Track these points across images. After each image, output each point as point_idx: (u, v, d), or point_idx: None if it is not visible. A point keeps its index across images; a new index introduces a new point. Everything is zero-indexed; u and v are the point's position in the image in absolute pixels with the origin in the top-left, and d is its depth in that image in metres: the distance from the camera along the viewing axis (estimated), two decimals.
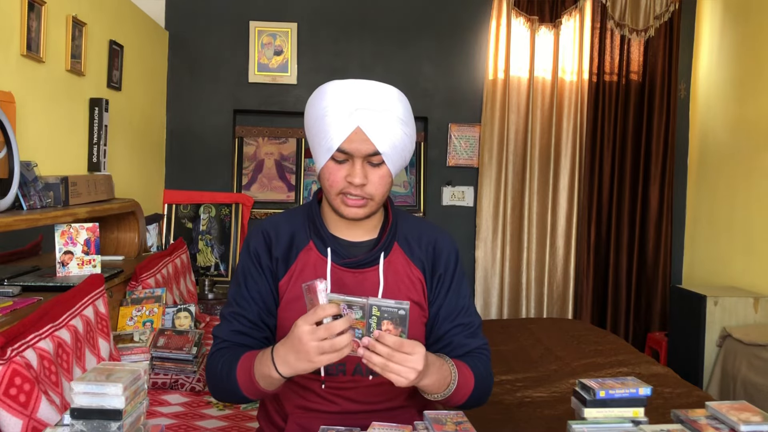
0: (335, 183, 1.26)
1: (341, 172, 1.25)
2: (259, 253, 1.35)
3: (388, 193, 1.32)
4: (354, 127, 1.22)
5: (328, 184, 1.28)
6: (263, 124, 4.28)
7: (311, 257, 1.34)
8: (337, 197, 1.28)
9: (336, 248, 1.33)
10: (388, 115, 1.23)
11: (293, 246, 1.35)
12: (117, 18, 3.13)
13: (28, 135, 2.27)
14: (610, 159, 4.23)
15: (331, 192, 1.28)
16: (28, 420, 1.32)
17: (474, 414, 1.34)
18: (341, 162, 1.26)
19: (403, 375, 1.10)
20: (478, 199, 4.22)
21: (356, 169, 1.24)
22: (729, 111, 3.92)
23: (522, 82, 4.20)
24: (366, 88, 1.25)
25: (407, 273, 1.36)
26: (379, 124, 1.23)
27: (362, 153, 1.24)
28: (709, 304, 3.47)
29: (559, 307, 4.25)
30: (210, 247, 4.07)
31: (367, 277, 1.33)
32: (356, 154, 1.24)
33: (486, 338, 1.42)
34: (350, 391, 1.33)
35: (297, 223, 1.38)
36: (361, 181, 1.24)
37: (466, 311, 1.38)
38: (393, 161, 1.27)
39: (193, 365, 2.19)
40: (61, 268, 2.18)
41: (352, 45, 4.14)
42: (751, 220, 3.65)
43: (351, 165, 1.25)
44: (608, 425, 1.20)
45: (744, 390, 3.13)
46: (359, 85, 1.25)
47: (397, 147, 1.26)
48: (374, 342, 1.10)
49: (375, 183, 1.26)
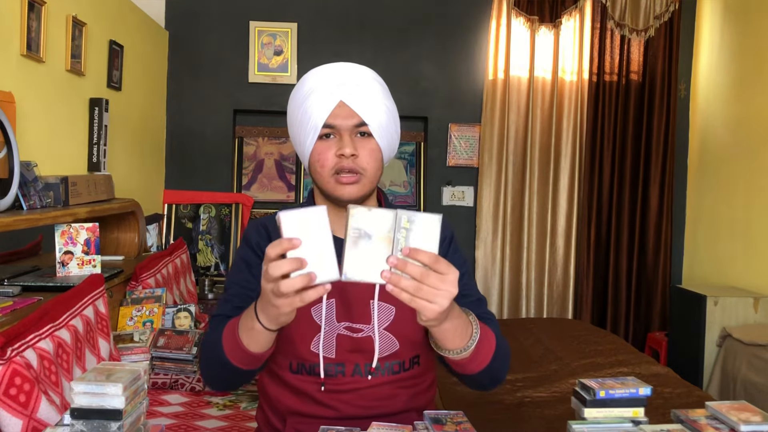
0: (326, 162, 1.25)
1: (331, 150, 1.25)
2: (261, 246, 1.31)
3: (380, 172, 1.31)
4: (337, 101, 1.24)
5: (319, 165, 1.26)
6: (263, 124, 4.29)
7: None
8: (330, 179, 1.26)
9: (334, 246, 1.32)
10: (368, 87, 1.27)
11: None
12: (117, 18, 3.13)
13: (28, 135, 2.27)
14: (610, 159, 4.23)
15: (323, 174, 1.26)
16: (28, 420, 1.31)
17: (474, 414, 1.34)
18: (329, 137, 1.26)
19: (437, 300, 0.96)
20: (478, 199, 4.22)
21: (345, 140, 1.24)
22: (729, 111, 3.92)
23: (522, 82, 4.20)
24: (345, 67, 1.28)
25: None
26: (361, 96, 1.25)
27: (349, 125, 1.25)
28: (709, 304, 3.47)
29: (559, 307, 4.25)
30: (210, 247, 4.07)
31: None
32: (343, 127, 1.25)
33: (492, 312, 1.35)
34: (349, 394, 1.30)
35: None
36: (352, 151, 1.24)
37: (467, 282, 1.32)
38: (380, 135, 1.27)
39: (193, 365, 2.19)
40: (61, 268, 2.18)
41: (352, 45, 4.14)
42: (751, 220, 3.65)
43: (339, 139, 1.25)
44: (608, 425, 1.20)
45: (744, 390, 3.13)
46: (338, 65, 1.29)
47: (382, 122, 1.27)
48: (405, 260, 0.95)
49: (365, 156, 1.26)
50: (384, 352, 1.30)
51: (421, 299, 0.97)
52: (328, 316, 1.28)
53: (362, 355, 1.29)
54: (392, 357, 1.31)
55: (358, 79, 1.27)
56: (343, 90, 1.25)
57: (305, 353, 1.28)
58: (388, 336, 1.31)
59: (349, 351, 1.29)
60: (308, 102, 1.26)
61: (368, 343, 1.28)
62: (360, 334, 1.29)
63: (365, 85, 1.27)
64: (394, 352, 1.30)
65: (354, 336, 1.29)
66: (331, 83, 1.25)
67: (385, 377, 1.31)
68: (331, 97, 1.24)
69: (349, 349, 1.29)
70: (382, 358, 1.30)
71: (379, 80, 1.32)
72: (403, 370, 1.32)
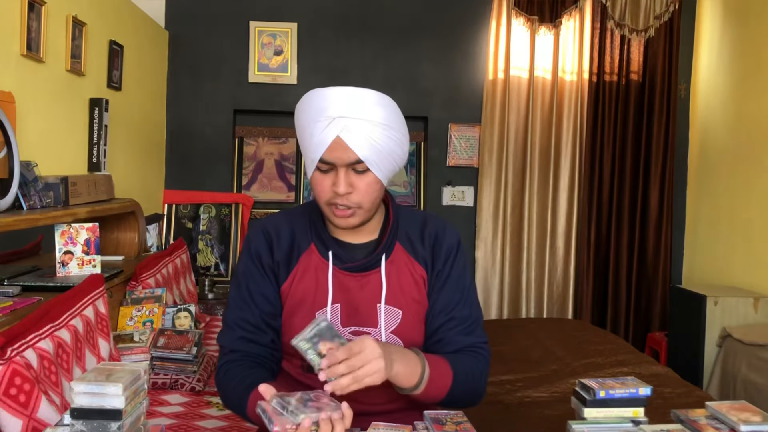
0: (322, 193, 1.25)
1: (327, 182, 1.24)
2: (260, 253, 1.33)
3: (379, 199, 1.29)
4: (333, 136, 1.19)
5: (317, 195, 1.27)
6: (263, 124, 4.28)
7: (312, 260, 1.32)
8: (326, 207, 1.27)
9: (337, 252, 1.32)
10: (366, 122, 1.20)
11: (294, 248, 1.33)
12: (117, 18, 3.13)
13: (28, 135, 2.27)
14: (610, 159, 4.23)
15: (320, 202, 1.27)
16: (28, 420, 1.31)
17: (474, 414, 1.34)
18: (326, 172, 1.24)
19: (374, 370, 1.08)
20: (478, 199, 4.22)
21: (339, 178, 1.22)
22: (729, 111, 3.91)
23: (522, 82, 4.20)
24: (342, 96, 1.21)
25: (410, 272, 1.34)
26: (358, 132, 1.20)
27: (344, 162, 1.21)
28: (709, 304, 3.47)
29: (559, 307, 4.25)
30: (210, 247, 4.07)
31: (370, 280, 1.31)
32: (338, 163, 1.22)
33: (486, 335, 1.37)
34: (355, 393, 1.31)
35: (298, 224, 1.36)
36: (345, 190, 1.22)
37: (463, 304, 1.35)
38: (379, 167, 1.23)
39: (193, 365, 2.19)
40: (61, 268, 2.17)
41: (352, 45, 4.14)
42: (751, 220, 3.65)
43: (335, 174, 1.23)
44: (608, 425, 1.20)
45: (744, 390, 3.13)
46: (335, 93, 1.21)
47: (382, 152, 1.22)
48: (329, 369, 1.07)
49: (361, 191, 1.23)
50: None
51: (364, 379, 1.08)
52: (333, 321, 1.29)
53: None
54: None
55: (356, 111, 1.20)
56: (338, 124, 1.19)
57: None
58: (395, 339, 1.31)
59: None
60: (307, 132, 1.23)
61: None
62: None
63: (365, 116, 1.20)
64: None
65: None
66: (327, 115, 1.20)
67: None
68: (327, 130, 1.20)
69: None
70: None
71: (384, 104, 1.24)
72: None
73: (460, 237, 1.40)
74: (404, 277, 1.33)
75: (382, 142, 1.22)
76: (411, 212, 1.41)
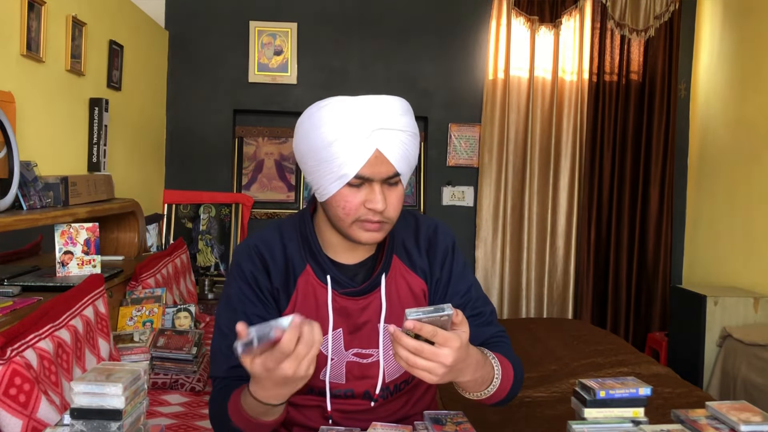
0: (352, 210, 1.15)
1: (358, 198, 1.14)
2: (256, 276, 1.24)
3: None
4: (373, 150, 1.11)
5: (343, 212, 1.15)
6: (263, 124, 4.28)
7: (310, 283, 1.25)
8: (353, 224, 1.16)
9: (336, 275, 1.24)
10: (400, 132, 1.13)
11: (290, 271, 1.25)
12: (117, 18, 3.13)
13: (28, 135, 2.27)
14: (610, 159, 4.23)
15: (346, 220, 1.16)
16: (28, 420, 1.31)
17: (474, 414, 1.34)
18: (357, 186, 1.14)
19: (430, 372, 1.00)
20: (478, 199, 4.22)
21: (377, 194, 1.13)
22: (729, 111, 3.91)
23: (522, 82, 4.20)
24: (380, 106, 1.13)
25: (409, 287, 1.29)
26: (395, 144, 1.12)
27: (382, 176, 1.13)
28: (709, 304, 3.47)
29: (559, 307, 4.25)
30: (210, 247, 4.07)
31: (371, 302, 1.26)
32: (375, 178, 1.13)
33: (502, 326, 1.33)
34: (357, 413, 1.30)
35: (290, 243, 1.26)
36: (383, 207, 1.14)
37: (473, 303, 1.30)
38: (406, 177, 1.19)
39: (193, 365, 2.19)
40: (61, 268, 2.18)
41: (352, 45, 4.14)
42: (751, 220, 3.65)
43: (369, 189, 1.14)
44: (608, 425, 1.20)
45: (744, 390, 3.13)
46: (371, 102, 1.13)
47: (411, 162, 1.18)
48: (400, 334, 0.99)
49: (394, 204, 1.17)
50: (392, 375, 1.30)
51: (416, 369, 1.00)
52: (335, 346, 1.26)
53: (372, 381, 1.29)
54: (400, 378, 1.32)
55: (393, 121, 1.12)
56: (379, 136, 1.11)
57: (315, 381, 1.27)
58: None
59: (358, 378, 1.28)
60: (336, 146, 1.11)
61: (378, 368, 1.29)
62: (369, 360, 1.28)
63: (398, 126, 1.13)
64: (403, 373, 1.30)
65: (363, 362, 1.28)
66: (365, 126, 1.11)
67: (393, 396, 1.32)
68: (367, 143, 1.10)
69: (358, 375, 1.28)
70: (390, 381, 1.30)
71: (410, 111, 1.18)
72: (406, 384, 1.34)
73: (453, 236, 1.35)
74: (403, 291, 1.28)
75: (412, 152, 1.17)
76: (402, 217, 1.31)
